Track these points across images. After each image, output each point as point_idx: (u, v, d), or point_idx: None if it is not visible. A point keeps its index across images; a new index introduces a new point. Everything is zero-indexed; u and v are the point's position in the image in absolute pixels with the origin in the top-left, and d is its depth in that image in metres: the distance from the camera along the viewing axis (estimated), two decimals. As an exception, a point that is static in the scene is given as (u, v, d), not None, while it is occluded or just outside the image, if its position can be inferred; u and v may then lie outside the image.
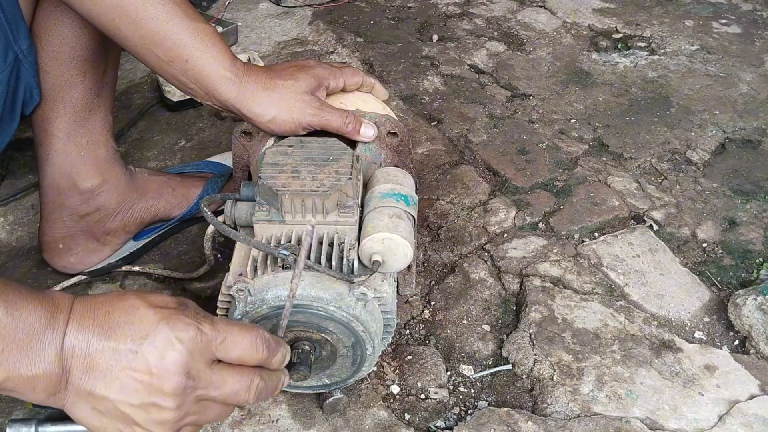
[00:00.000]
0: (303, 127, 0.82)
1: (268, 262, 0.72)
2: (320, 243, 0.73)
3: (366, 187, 0.82)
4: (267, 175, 0.73)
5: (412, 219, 0.77)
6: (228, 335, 0.57)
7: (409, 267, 0.90)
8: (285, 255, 0.68)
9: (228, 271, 0.76)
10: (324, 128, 0.83)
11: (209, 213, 0.72)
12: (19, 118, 0.85)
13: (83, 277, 1.00)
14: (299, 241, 0.71)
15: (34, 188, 1.17)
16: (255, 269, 0.72)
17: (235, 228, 0.77)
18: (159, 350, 0.54)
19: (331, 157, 0.75)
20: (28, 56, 0.81)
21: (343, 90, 0.89)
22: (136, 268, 1.02)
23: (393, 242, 0.72)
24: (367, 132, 0.84)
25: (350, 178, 0.73)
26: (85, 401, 0.55)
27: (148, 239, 1.07)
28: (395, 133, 0.86)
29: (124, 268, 1.03)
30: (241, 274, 0.72)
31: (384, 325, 0.76)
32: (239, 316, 0.70)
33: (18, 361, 0.52)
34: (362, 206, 0.78)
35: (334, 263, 0.71)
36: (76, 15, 0.82)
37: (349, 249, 0.73)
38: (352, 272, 0.72)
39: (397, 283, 0.90)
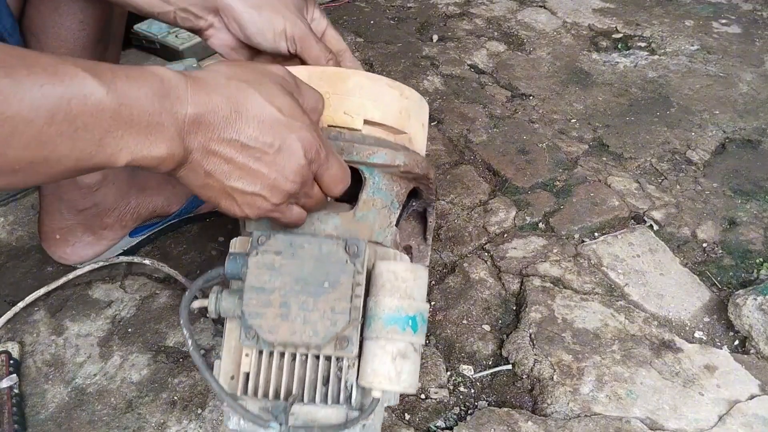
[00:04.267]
0: (287, 36, 0.75)
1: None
2: (316, 357, 0.65)
3: (369, 279, 0.66)
4: (251, 311, 0.62)
5: (420, 349, 0.66)
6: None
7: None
8: (273, 429, 0.62)
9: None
10: (302, 54, 0.76)
11: (189, 332, 0.64)
12: None
13: (81, 271, 1.00)
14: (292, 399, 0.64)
15: (34, 188, 1.17)
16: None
17: (220, 320, 0.68)
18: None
19: (326, 282, 0.62)
20: (13, 35, 0.80)
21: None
22: (146, 262, 1.02)
23: (394, 391, 0.64)
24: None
25: (349, 321, 0.62)
26: (215, 157, 0.54)
27: (144, 236, 1.07)
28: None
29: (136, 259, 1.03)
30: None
31: None
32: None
33: (140, 143, 0.50)
34: (363, 315, 0.65)
35: (330, 387, 0.64)
36: (72, 14, 0.82)
37: (348, 368, 0.65)
38: (350, 397, 0.64)
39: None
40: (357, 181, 0.70)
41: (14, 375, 0.85)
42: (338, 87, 0.68)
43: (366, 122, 0.69)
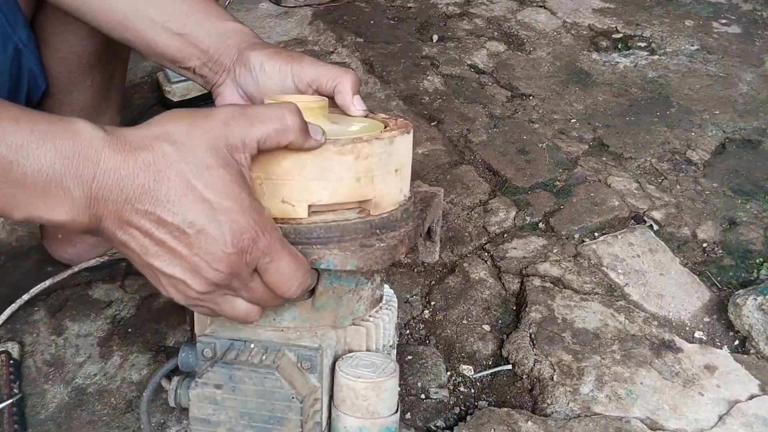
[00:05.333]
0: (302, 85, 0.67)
1: None
2: None
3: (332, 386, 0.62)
4: None
5: None
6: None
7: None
8: None
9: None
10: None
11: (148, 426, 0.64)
12: (24, 105, 0.85)
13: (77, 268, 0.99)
14: None
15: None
16: None
17: (180, 408, 0.65)
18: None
19: (271, 417, 0.58)
20: (28, 45, 0.80)
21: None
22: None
23: None
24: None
25: None
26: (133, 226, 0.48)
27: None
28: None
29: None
30: None
31: None
32: None
33: (33, 206, 0.45)
34: (328, 424, 0.63)
35: None
36: (82, 22, 0.82)
37: None
38: None
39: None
40: None
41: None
42: (272, 170, 0.55)
43: (312, 207, 0.57)
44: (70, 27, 0.84)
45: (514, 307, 1.00)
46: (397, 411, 0.62)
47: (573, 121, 1.41)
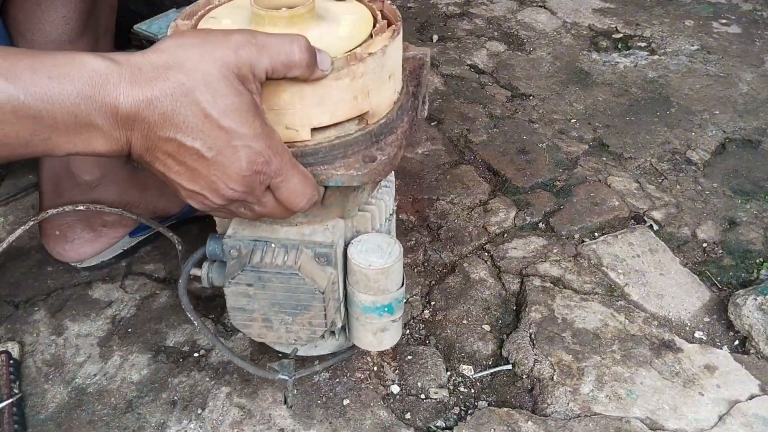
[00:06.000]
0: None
1: None
2: None
3: (345, 260, 0.70)
4: (239, 323, 0.69)
5: (400, 317, 0.74)
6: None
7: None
8: (284, 379, 0.72)
9: None
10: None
11: (192, 309, 0.73)
12: None
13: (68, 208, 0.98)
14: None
15: (34, 188, 1.17)
16: None
17: (212, 286, 0.73)
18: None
19: (298, 305, 0.67)
20: None
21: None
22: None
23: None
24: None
25: (325, 329, 0.69)
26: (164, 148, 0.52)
27: (144, 236, 1.07)
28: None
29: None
30: None
31: None
32: None
33: (72, 142, 0.48)
34: (344, 295, 0.73)
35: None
36: (54, 9, 0.81)
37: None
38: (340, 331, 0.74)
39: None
40: None
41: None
42: (273, 101, 0.58)
43: (315, 130, 0.61)
44: (44, 16, 0.84)
45: (514, 307, 1.00)
46: (402, 285, 0.71)
47: (573, 121, 1.41)
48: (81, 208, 0.82)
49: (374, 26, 0.65)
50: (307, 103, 0.58)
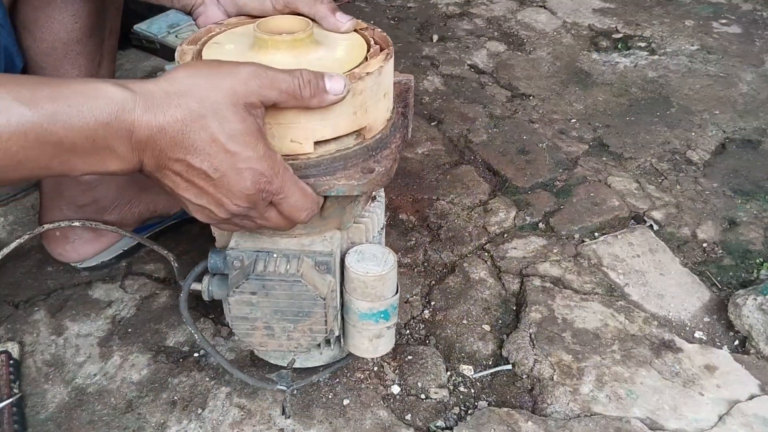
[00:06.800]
0: None
1: None
2: None
3: (342, 268, 0.73)
4: (241, 332, 0.72)
5: (393, 327, 0.77)
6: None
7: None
8: (283, 390, 0.75)
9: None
10: (294, 10, 0.72)
11: (192, 323, 0.76)
12: None
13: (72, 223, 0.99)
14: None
15: (34, 188, 1.17)
16: None
17: (212, 300, 0.76)
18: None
19: (300, 312, 0.70)
20: (4, 25, 0.81)
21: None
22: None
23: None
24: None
25: (326, 335, 0.72)
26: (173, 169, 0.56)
27: (145, 236, 1.07)
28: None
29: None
30: None
31: None
32: None
33: (88, 164, 0.52)
34: (341, 303, 0.75)
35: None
36: (64, 7, 0.83)
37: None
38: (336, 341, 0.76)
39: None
40: None
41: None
42: (279, 117, 0.61)
43: (317, 143, 0.64)
44: (54, 14, 0.85)
45: (514, 307, 1.00)
46: (397, 292, 0.74)
47: (573, 121, 1.41)
48: (77, 224, 0.87)
49: (368, 50, 0.70)
50: (311, 118, 0.62)
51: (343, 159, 0.66)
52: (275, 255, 0.70)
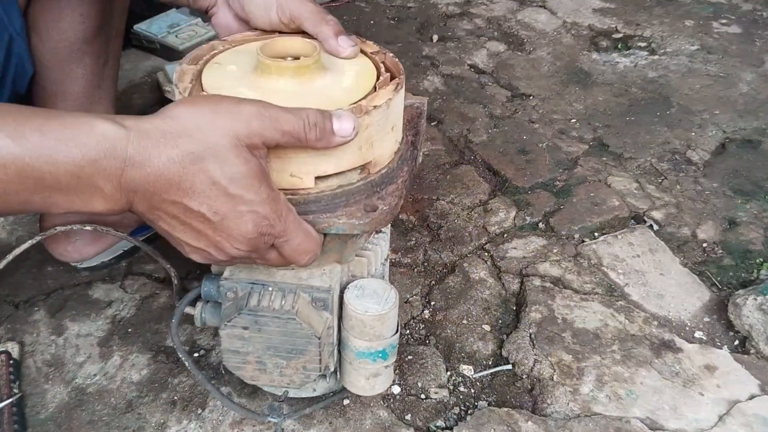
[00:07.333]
0: (282, 11, 0.70)
1: None
2: None
3: (341, 303, 0.69)
4: (232, 365, 0.68)
5: (391, 366, 0.74)
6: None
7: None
8: (273, 420, 0.74)
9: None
10: (302, 28, 0.69)
11: (185, 353, 0.73)
12: (9, 91, 0.85)
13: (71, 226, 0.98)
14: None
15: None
16: None
17: (205, 326, 0.74)
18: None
19: (294, 349, 0.66)
20: (21, 34, 0.81)
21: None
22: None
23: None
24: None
25: (319, 373, 0.68)
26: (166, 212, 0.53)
27: (145, 237, 1.07)
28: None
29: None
30: None
31: None
32: None
33: (70, 202, 0.49)
34: (338, 339, 0.72)
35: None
36: (73, 7, 0.82)
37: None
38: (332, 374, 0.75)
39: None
40: None
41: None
42: (280, 151, 0.57)
43: (318, 178, 0.61)
44: (62, 14, 0.85)
45: (514, 307, 1.00)
46: (397, 331, 0.70)
47: (573, 121, 1.41)
48: (88, 228, 0.81)
49: (377, 78, 0.65)
50: (313, 152, 0.58)
51: (345, 195, 0.62)
52: (270, 288, 0.66)
